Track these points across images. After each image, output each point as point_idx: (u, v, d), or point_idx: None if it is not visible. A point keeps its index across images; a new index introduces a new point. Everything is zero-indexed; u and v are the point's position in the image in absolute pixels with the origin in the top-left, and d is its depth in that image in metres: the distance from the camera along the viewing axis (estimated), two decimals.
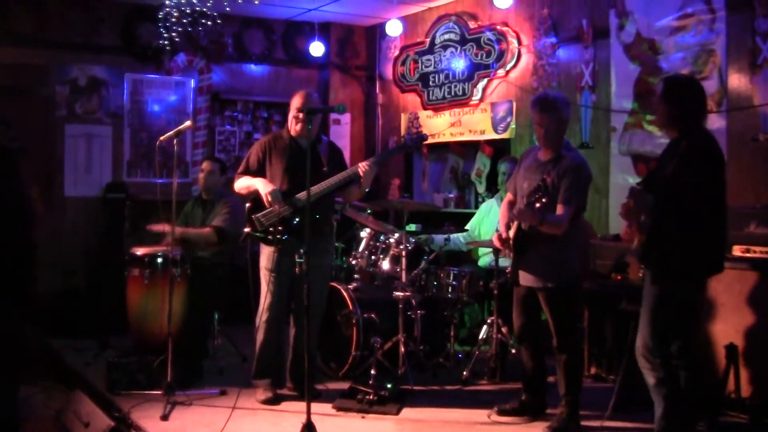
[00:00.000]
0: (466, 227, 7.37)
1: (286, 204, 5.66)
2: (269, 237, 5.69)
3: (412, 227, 7.33)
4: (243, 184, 5.86)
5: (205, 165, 6.99)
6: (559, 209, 5.04)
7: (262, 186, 5.70)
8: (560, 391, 5.22)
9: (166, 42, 8.66)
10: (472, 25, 8.71)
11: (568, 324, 5.20)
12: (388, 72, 9.94)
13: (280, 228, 5.65)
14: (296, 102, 5.80)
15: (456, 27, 8.91)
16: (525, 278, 5.24)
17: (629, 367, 4.84)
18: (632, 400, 5.27)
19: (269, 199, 5.62)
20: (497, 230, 5.61)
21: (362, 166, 5.71)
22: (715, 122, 6.17)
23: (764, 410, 5.14)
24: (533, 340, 5.36)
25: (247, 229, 5.83)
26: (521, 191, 5.28)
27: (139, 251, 6.62)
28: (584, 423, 5.19)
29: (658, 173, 4.51)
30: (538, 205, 4.85)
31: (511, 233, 5.22)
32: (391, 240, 6.63)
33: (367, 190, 5.87)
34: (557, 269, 5.13)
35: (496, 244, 5.45)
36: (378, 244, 6.70)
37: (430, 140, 7.35)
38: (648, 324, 4.39)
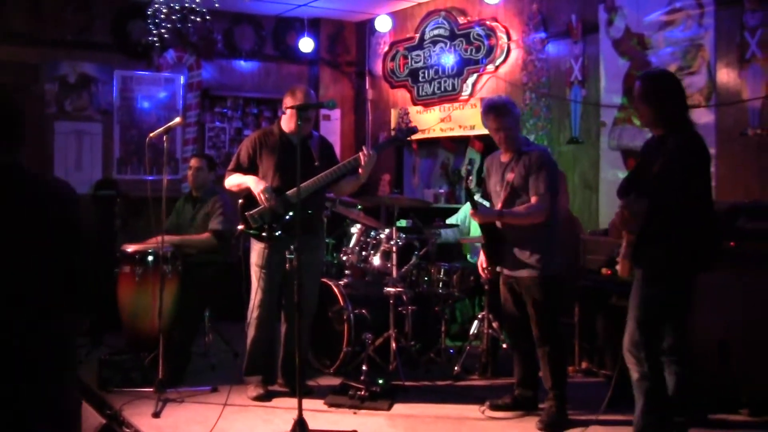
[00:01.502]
0: (455, 221, 7.38)
1: (279, 201, 5.65)
2: (263, 234, 5.69)
3: (402, 223, 7.34)
4: (234, 181, 5.85)
5: (193, 162, 6.96)
6: (533, 200, 5.21)
7: (253, 184, 5.69)
8: (546, 384, 5.26)
9: (155, 39, 8.65)
10: (461, 20, 8.72)
11: (549, 315, 5.24)
12: (378, 68, 9.94)
13: (273, 225, 5.65)
14: (297, 99, 5.70)
15: (445, 22, 8.92)
16: (509, 269, 5.32)
17: (622, 362, 4.84)
18: (625, 395, 5.28)
19: (263, 197, 5.62)
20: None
21: (364, 153, 5.69)
22: (703, 117, 6.20)
23: (756, 406, 5.16)
24: (525, 334, 5.38)
25: (240, 227, 5.83)
26: (495, 196, 5.44)
27: (130, 248, 6.60)
28: (578, 417, 5.22)
29: (643, 171, 4.47)
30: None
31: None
32: (382, 236, 6.63)
33: (363, 180, 5.84)
34: (540, 259, 5.20)
35: (483, 274, 5.63)
36: (369, 239, 6.70)
37: (420, 136, 7.38)
38: (634, 319, 4.39)
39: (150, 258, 6.47)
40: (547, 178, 5.21)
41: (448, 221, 7.35)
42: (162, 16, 8.38)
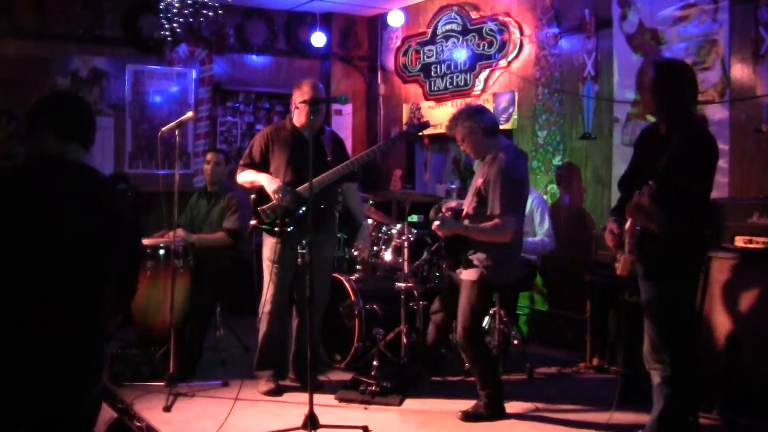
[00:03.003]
0: None
1: (291, 196, 5.64)
2: (275, 229, 5.68)
3: (414, 218, 7.32)
4: (247, 178, 5.85)
5: (210, 156, 6.98)
6: (496, 220, 5.11)
7: (267, 182, 5.69)
8: (477, 386, 5.29)
9: (167, 33, 8.65)
10: (474, 15, 8.68)
11: (474, 317, 5.21)
12: (390, 62, 9.92)
13: (286, 220, 5.65)
14: (304, 93, 5.73)
15: (458, 17, 8.89)
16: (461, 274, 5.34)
17: (633, 358, 4.82)
18: (635, 392, 5.26)
19: (277, 196, 5.61)
20: None
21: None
22: (717, 113, 6.16)
23: (766, 402, 5.13)
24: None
25: (253, 222, 5.84)
26: (466, 199, 5.41)
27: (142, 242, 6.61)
28: (591, 416, 5.22)
29: (645, 165, 4.37)
30: (448, 213, 5.22)
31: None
32: (393, 231, 6.62)
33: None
34: (488, 267, 5.17)
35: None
36: (380, 235, 6.70)
37: (431, 131, 7.34)
38: (651, 323, 4.33)
39: (161, 252, 6.48)
40: (502, 197, 5.06)
41: None
42: (174, 10, 8.39)
